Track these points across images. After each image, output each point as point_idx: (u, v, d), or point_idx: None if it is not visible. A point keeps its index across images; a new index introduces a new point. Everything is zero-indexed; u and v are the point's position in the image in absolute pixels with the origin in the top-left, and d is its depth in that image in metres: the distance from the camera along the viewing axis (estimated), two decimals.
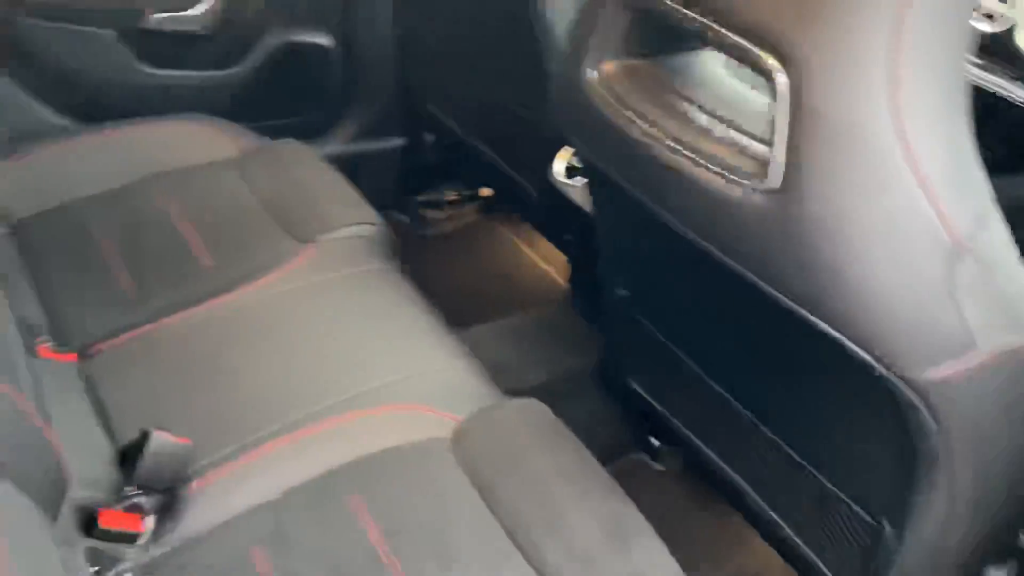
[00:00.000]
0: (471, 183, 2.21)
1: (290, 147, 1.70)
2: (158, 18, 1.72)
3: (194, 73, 1.84)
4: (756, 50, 0.72)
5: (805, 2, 0.68)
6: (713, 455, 1.28)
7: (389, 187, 2.16)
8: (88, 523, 1.01)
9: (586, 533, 1.04)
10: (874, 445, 0.93)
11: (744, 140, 0.80)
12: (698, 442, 1.31)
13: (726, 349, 1.11)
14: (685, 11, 0.78)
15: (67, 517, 0.99)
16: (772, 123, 0.73)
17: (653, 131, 0.84)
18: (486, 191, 2.21)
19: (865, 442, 0.94)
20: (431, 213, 2.19)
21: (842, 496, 1.03)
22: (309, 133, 1.95)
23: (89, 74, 1.74)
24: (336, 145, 2.04)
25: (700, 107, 0.85)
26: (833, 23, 0.67)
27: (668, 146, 0.82)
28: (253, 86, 1.90)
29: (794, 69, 0.70)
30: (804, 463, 1.07)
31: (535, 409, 1.21)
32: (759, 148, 0.78)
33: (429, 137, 2.12)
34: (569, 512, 1.06)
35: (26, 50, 1.69)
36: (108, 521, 1.03)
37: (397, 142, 2.10)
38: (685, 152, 0.81)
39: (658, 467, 1.61)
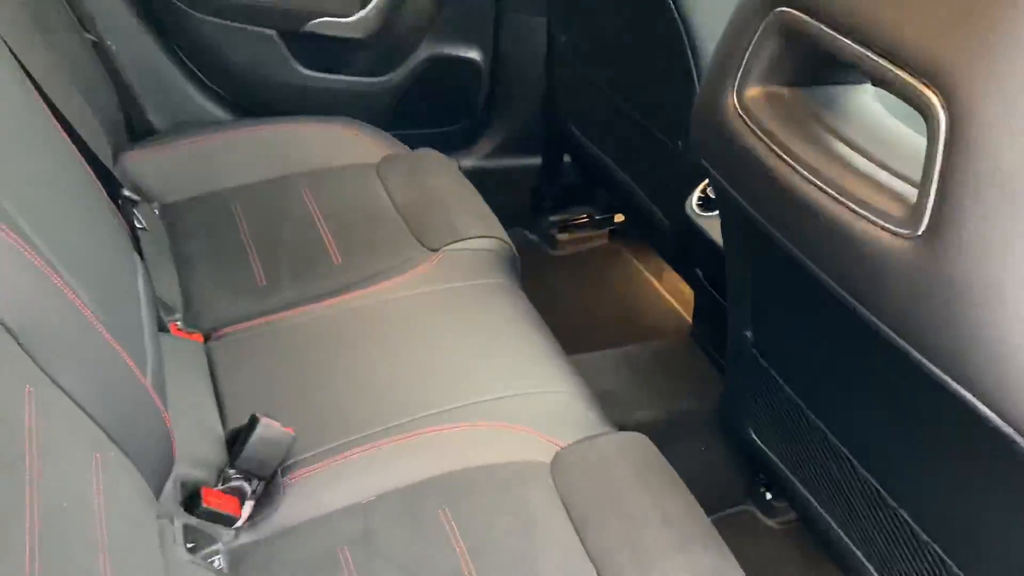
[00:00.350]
0: (604, 207, 2.18)
1: (429, 156, 1.72)
2: (318, 22, 1.78)
3: (346, 78, 1.89)
4: (915, 83, 0.66)
5: (975, 36, 0.62)
6: (829, 518, 1.19)
7: (522, 205, 2.16)
8: (190, 501, 1.04)
9: None
10: (1016, 533, 0.83)
11: (890, 179, 0.73)
12: (815, 503, 1.23)
13: (855, 407, 1.03)
14: (840, 38, 0.73)
15: (170, 492, 1.01)
16: (925, 161, 0.66)
17: (791, 162, 0.78)
18: (620, 217, 2.17)
19: (1007, 528, 0.85)
20: (561, 234, 2.17)
21: None
22: (449, 145, 1.97)
23: (248, 70, 1.82)
24: (474, 159, 2.05)
25: (846, 141, 0.79)
26: (1008, 58, 0.61)
27: (806, 178, 0.77)
28: (401, 95, 1.95)
29: (956, 105, 0.63)
30: (930, 541, 0.97)
31: (642, 445, 1.16)
32: (906, 189, 0.71)
33: (567, 158, 2.11)
34: (665, 559, 1.01)
35: (193, 44, 1.79)
36: (211, 501, 1.05)
37: (534, 160, 2.10)
38: (823, 186, 0.75)
39: (769, 523, 1.53)
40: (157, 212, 1.56)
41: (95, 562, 0.71)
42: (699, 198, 1.44)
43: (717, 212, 1.42)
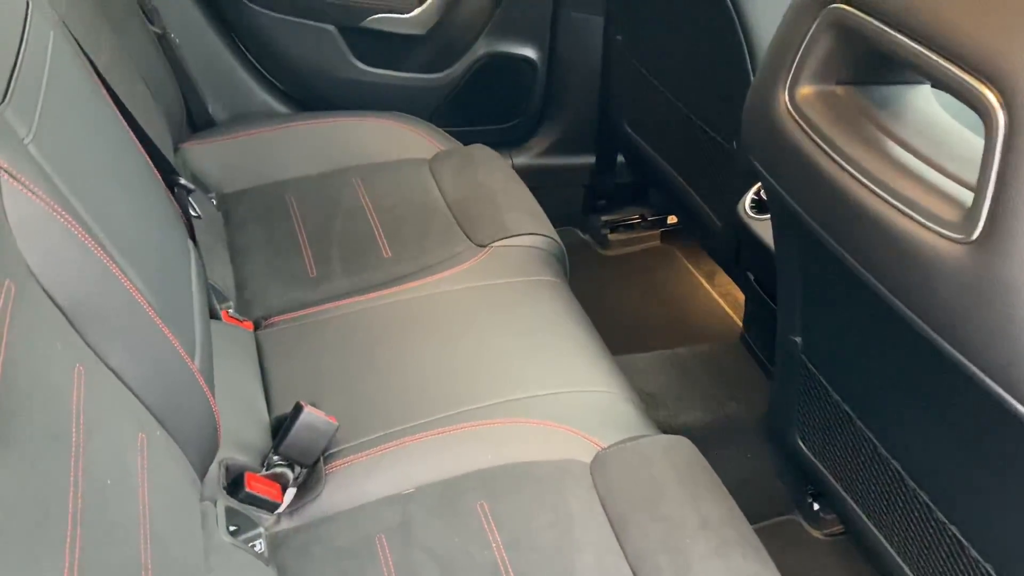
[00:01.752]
0: (657, 208, 2.16)
1: (481, 152, 1.73)
2: (377, 18, 1.80)
3: (402, 74, 1.91)
4: (973, 82, 0.63)
5: None
6: (877, 532, 1.16)
7: (574, 204, 2.16)
8: (233, 485, 1.06)
9: None
10: None
11: (944, 182, 0.71)
12: (862, 515, 1.20)
13: (905, 418, 1.00)
14: (896, 35, 0.71)
15: (214, 475, 1.03)
16: (982, 164, 0.64)
17: (843, 162, 0.76)
18: (672, 218, 2.15)
19: None
20: (613, 234, 2.15)
21: None
22: (503, 143, 1.98)
23: (306, 65, 1.85)
24: (528, 157, 2.05)
25: (900, 142, 0.77)
26: None
27: (857, 180, 0.75)
28: (456, 92, 1.95)
29: (1016, 105, 0.61)
30: (981, 559, 0.94)
31: (684, 448, 1.15)
32: (962, 192, 0.69)
33: (620, 158, 2.09)
34: (704, 564, 0.99)
35: (253, 37, 1.82)
36: (254, 486, 1.07)
37: (587, 160, 2.09)
38: (875, 189, 0.73)
39: (816, 534, 1.49)
40: (215, 202, 1.59)
41: (136, 537, 0.73)
42: (752, 200, 1.42)
43: (769, 215, 1.40)
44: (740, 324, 1.82)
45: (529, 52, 1.96)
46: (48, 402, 0.69)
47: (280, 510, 1.07)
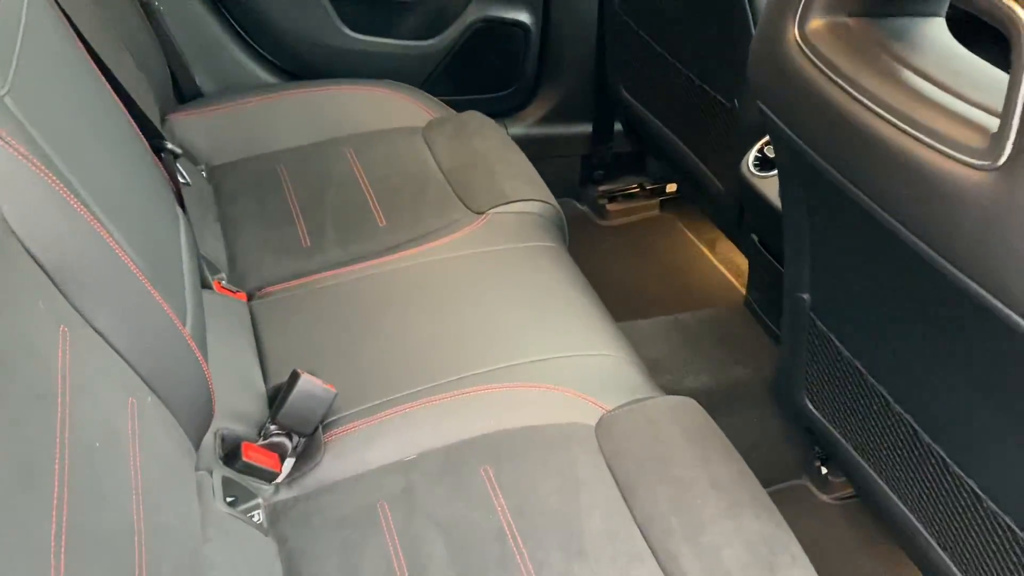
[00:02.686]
0: (655, 177, 2.12)
1: (475, 118, 1.69)
2: None
3: (394, 41, 1.87)
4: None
5: None
6: (889, 490, 1.14)
7: (572, 173, 2.12)
8: (230, 455, 1.03)
9: (731, 551, 0.95)
10: None
11: (968, 109, 0.68)
12: (873, 474, 1.17)
13: (920, 369, 0.97)
14: None
15: (210, 445, 1.00)
16: (1009, 87, 0.60)
17: (858, 95, 0.73)
18: (672, 187, 2.11)
19: None
20: (611, 204, 2.12)
21: None
22: (498, 111, 1.94)
23: (295, 33, 1.81)
24: (523, 126, 2.02)
25: (918, 72, 0.73)
26: None
27: (874, 112, 0.71)
28: (448, 59, 1.91)
29: None
30: (1000, 512, 0.92)
31: (691, 409, 1.12)
32: (985, 118, 0.65)
33: (617, 126, 2.06)
34: (715, 525, 0.97)
35: (240, 6, 1.78)
36: (251, 456, 1.04)
37: (584, 129, 2.05)
38: (893, 120, 0.70)
39: (824, 498, 1.47)
40: (204, 174, 1.56)
41: (127, 502, 0.70)
42: (755, 158, 1.38)
43: (774, 172, 1.37)
44: (743, 291, 1.79)
45: (523, 17, 1.91)
46: (30, 361, 0.66)
47: (279, 480, 1.05)
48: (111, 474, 0.70)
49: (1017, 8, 0.59)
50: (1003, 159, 0.62)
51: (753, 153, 1.38)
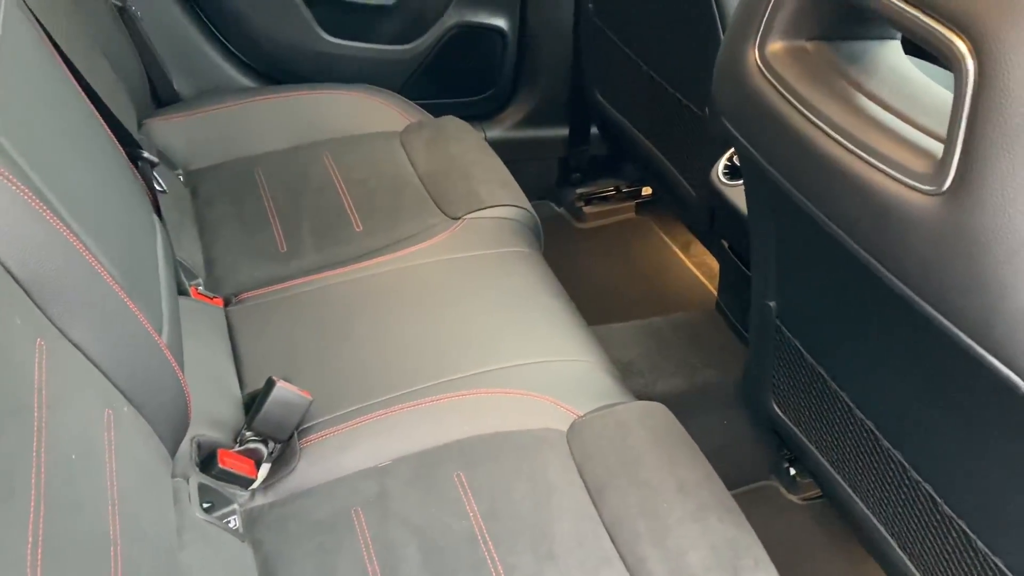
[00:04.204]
0: (631, 179, 2.15)
1: (453, 123, 1.71)
2: None
3: (371, 46, 1.88)
4: (943, 30, 0.63)
5: None
6: (852, 492, 1.17)
7: (548, 177, 2.14)
8: (206, 461, 1.04)
9: (696, 554, 0.97)
10: None
11: (915, 134, 0.70)
12: (837, 477, 1.20)
13: (879, 378, 1.00)
14: None
15: (186, 452, 1.02)
16: (952, 113, 0.63)
17: (813, 117, 0.76)
18: (647, 190, 2.14)
19: None
20: (588, 207, 2.14)
21: (996, 561, 0.90)
22: (476, 115, 1.96)
23: (273, 37, 1.82)
24: (501, 129, 2.03)
25: (870, 95, 0.76)
26: None
27: (827, 134, 0.74)
28: (426, 63, 1.93)
29: (986, 53, 0.60)
30: (955, 516, 0.95)
31: (660, 414, 1.15)
32: (931, 144, 0.68)
33: (594, 129, 2.08)
34: (681, 528, 0.99)
35: (217, 10, 1.79)
36: (227, 462, 1.06)
37: (561, 132, 2.08)
38: (846, 143, 0.73)
39: (793, 498, 1.50)
40: (181, 178, 1.56)
41: (103, 513, 0.72)
42: (725, 166, 1.41)
43: (742, 181, 1.40)
44: (715, 293, 1.82)
45: (500, 22, 1.93)
46: (7, 376, 0.68)
47: (255, 486, 1.06)
48: (87, 485, 0.72)
49: (957, 41, 0.62)
50: (947, 185, 0.64)
51: (723, 162, 1.41)
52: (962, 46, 0.62)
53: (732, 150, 1.42)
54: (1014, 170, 0.60)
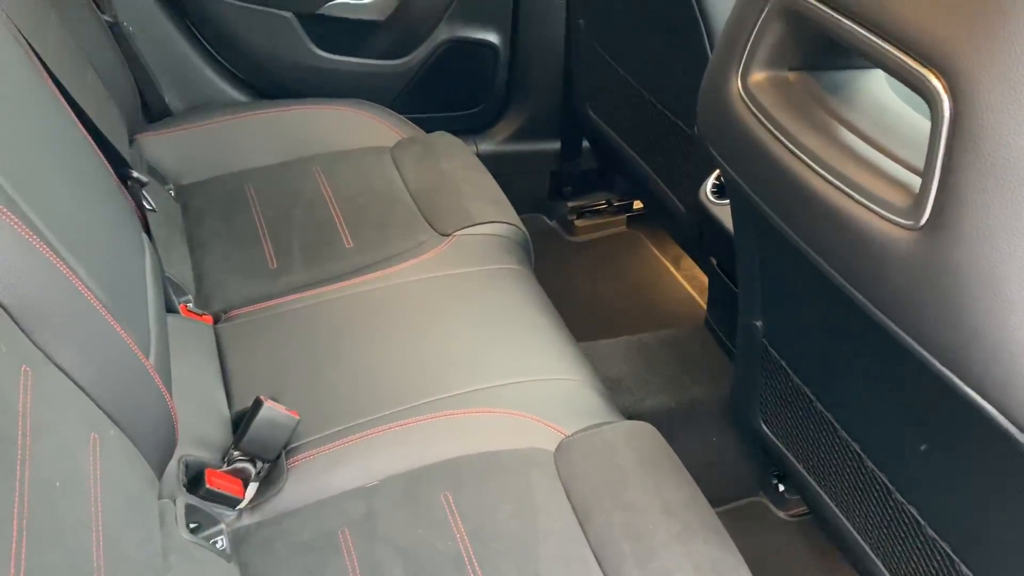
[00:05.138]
0: (622, 193, 2.16)
1: (444, 139, 1.71)
2: (335, 4, 1.78)
3: (362, 61, 1.89)
4: (919, 68, 0.64)
5: (980, 19, 0.60)
6: (838, 511, 1.18)
7: (540, 190, 2.15)
8: (193, 481, 1.05)
9: (679, 575, 0.98)
10: (1022, 533, 0.81)
11: (894, 168, 0.71)
12: (823, 495, 1.21)
13: (862, 399, 1.01)
14: (844, 20, 0.70)
15: (173, 473, 1.02)
16: (928, 150, 0.64)
17: (794, 148, 0.76)
18: (638, 204, 2.15)
19: (1012, 528, 0.83)
20: (579, 220, 2.15)
21: None
22: (467, 129, 1.97)
23: (265, 53, 1.82)
24: (492, 143, 2.04)
25: (850, 127, 0.77)
26: (1012, 42, 0.58)
27: (808, 166, 0.75)
28: (417, 78, 1.94)
29: (960, 92, 0.61)
30: (937, 538, 0.96)
31: (647, 434, 1.15)
32: (910, 178, 0.69)
33: (585, 143, 2.09)
34: (666, 550, 1.00)
35: (209, 25, 1.79)
36: (214, 482, 1.06)
37: (553, 146, 2.08)
38: (825, 175, 0.73)
39: (781, 514, 1.51)
40: (172, 193, 1.57)
41: (87, 540, 0.72)
42: (713, 185, 1.42)
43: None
44: (704, 307, 1.83)
45: (491, 37, 1.94)
46: None
47: (242, 506, 1.06)
48: (70, 512, 0.72)
49: (932, 79, 0.62)
50: (924, 220, 0.65)
51: (711, 180, 1.42)
52: (938, 84, 0.62)
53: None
54: (989, 208, 0.61)
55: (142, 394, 0.93)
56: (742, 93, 0.83)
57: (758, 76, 0.82)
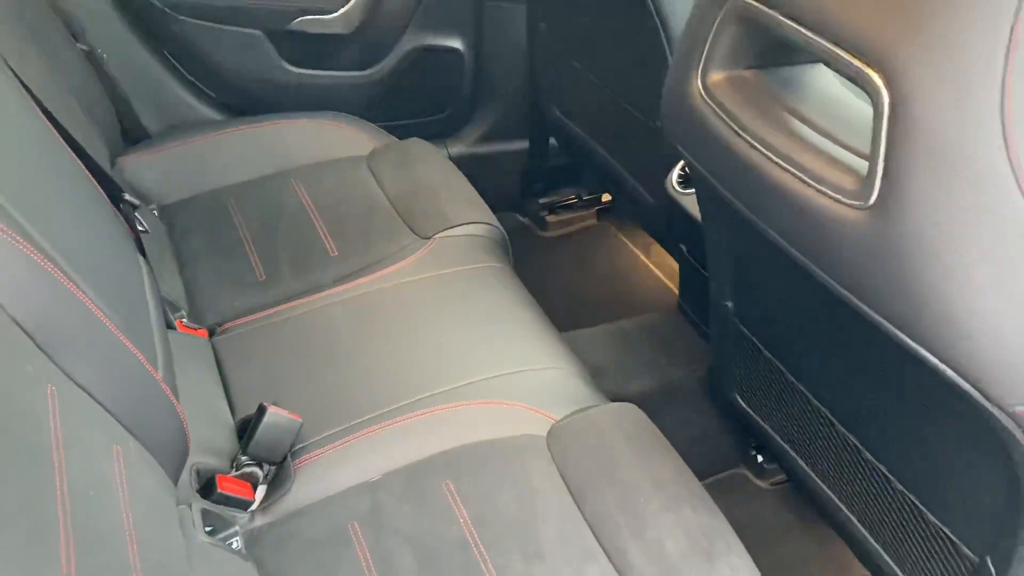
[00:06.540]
0: (591, 187, 2.22)
1: (418, 146, 1.77)
2: (302, 20, 1.82)
3: (333, 73, 1.93)
4: (860, 64, 0.71)
5: (911, 17, 0.67)
6: (815, 477, 1.25)
7: (512, 189, 2.21)
8: (206, 487, 1.10)
9: (673, 543, 1.04)
10: (978, 477, 0.89)
11: (843, 154, 0.79)
12: (800, 462, 1.29)
13: (829, 368, 1.09)
14: (792, 24, 0.78)
15: (186, 480, 1.07)
16: (872, 139, 0.71)
17: (753, 141, 0.83)
18: (607, 196, 2.22)
19: (968, 473, 0.90)
20: (550, 216, 2.22)
21: (944, 529, 0.99)
22: (437, 134, 2.02)
23: (237, 71, 1.86)
24: (462, 146, 2.10)
25: (802, 119, 0.84)
26: (940, 39, 0.66)
27: (768, 158, 0.82)
28: (387, 87, 1.99)
29: (897, 85, 0.68)
30: (905, 490, 1.03)
31: (632, 414, 1.22)
32: (858, 163, 0.76)
33: (552, 141, 2.15)
34: (657, 520, 1.06)
35: (181, 47, 1.83)
36: (225, 487, 1.11)
37: (521, 145, 2.15)
38: (783, 164, 0.80)
39: (761, 484, 1.59)
40: (156, 214, 1.61)
41: (124, 545, 0.77)
42: (679, 175, 1.49)
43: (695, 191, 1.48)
44: (676, 292, 1.90)
45: (455, 43, 2.00)
46: (25, 423, 0.73)
47: (253, 508, 1.11)
48: (106, 519, 0.77)
49: (873, 74, 0.69)
50: (872, 200, 0.72)
51: (676, 171, 1.49)
52: (877, 79, 0.70)
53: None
54: (927, 187, 0.68)
55: (155, 407, 0.98)
56: (703, 92, 0.90)
57: (717, 76, 0.89)
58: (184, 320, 1.38)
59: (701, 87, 0.90)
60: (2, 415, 0.69)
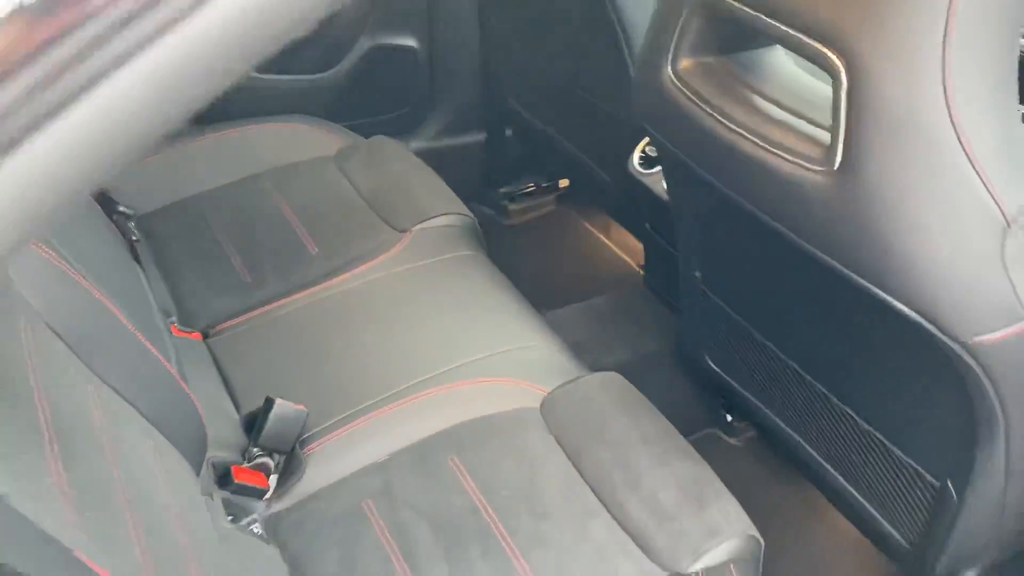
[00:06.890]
0: (550, 175, 2.30)
1: (384, 143, 1.82)
2: None
3: (295, 77, 1.98)
4: (819, 47, 0.80)
5: (872, 7, 0.76)
6: (786, 427, 1.36)
7: (472, 180, 2.27)
8: (223, 478, 1.15)
9: (666, 493, 1.13)
10: (937, 408, 0.99)
11: (807, 127, 0.88)
12: (771, 415, 1.39)
13: (796, 322, 1.19)
14: (754, 13, 0.86)
15: (206, 472, 1.12)
16: (833, 111, 0.81)
17: (724, 120, 0.92)
18: (564, 182, 2.30)
19: (929, 405, 1.01)
20: (512, 205, 2.29)
21: (908, 460, 1.10)
22: (397, 130, 2.07)
23: None
24: (422, 141, 2.16)
25: (768, 98, 0.93)
26: (890, 21, 0.75)
27: (739, 134, 0.91)
28: (347, 87, 2.03)
29: (854, 64, 0.77)
30: (872, 429, 1.14)
31: (617, 381, 1.30)
32: (821, 134, 0.86)
33: (509, 131, 2.23)
34: (650, 474, 1.15)
35: None
36: (241, 477, 1.16)
37: (479, 137, 2.21)
38: (753, 139, 0.90)
39: (732, 441, 1.69)
40: (133, 224, 1.63)
41: (175, 526, 0.83)
42: (640, 157, 1.58)
43: (658, 168, 1.57)
44: (637, 269, 2.00)
45: (410, 41, 2.05)
46: (81, 420, 0.78)
47: (268, 495, 1.17)
48: (157, 507, 0.83)
49: (832, 55, 0.79)
50: (836, 164, 0.82)
51: (637, 153, 1.58)
52: (837, 61, 0.79)
53: (645, 141, 1.59)
54: (884, 152, 0.78)
55: (178, 405, 1.04)
56: (674, 79, 0.98)
57: (686, 63, 0.98)
58: (177, 325, 1.42)
59: (672, 74, 0.98)
60: (64, 416, 0.75)
